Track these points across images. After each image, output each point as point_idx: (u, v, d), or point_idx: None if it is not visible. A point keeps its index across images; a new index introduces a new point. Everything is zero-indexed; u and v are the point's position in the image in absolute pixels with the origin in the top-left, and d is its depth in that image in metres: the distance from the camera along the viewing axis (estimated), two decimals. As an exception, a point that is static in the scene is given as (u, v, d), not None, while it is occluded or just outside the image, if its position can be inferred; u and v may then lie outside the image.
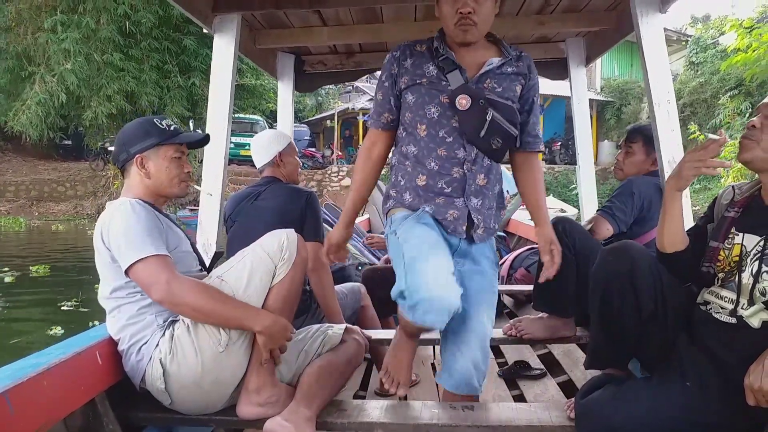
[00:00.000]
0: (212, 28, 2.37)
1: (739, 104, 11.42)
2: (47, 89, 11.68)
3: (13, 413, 1.10)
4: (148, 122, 1.58)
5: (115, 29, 11.48)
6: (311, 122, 22.72)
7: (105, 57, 11.65)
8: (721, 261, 1.29)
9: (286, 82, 3.33)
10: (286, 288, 1.47)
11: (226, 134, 2.33)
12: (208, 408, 1.48)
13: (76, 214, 15.47)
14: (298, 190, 2.26)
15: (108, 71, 11.86)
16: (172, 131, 1.58)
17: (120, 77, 11.97)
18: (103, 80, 11.91)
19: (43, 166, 18.07)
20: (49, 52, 11.55)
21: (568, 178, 15.58)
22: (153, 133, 1.55)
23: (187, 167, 1.61)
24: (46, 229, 13.12)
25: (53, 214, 15.55)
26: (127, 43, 11.95)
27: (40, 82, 11.77)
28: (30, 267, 7.49)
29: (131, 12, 11.33)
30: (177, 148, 1.58)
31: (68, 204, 16.18)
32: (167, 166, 1.56)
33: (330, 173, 16.62)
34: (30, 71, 12.05)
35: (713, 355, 1.25)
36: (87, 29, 11.22)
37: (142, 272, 1.37)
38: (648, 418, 1.23)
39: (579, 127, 3.26)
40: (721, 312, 1.27)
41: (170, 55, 12.40)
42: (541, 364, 2.57)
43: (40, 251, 9.58)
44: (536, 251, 3.39)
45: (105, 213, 1.48)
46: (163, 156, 1.56)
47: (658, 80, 2.19)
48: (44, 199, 16.31)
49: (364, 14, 2.74)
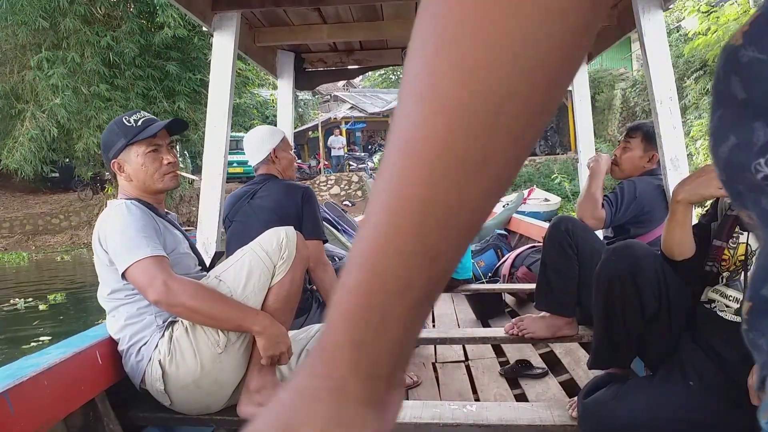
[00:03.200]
0: (212, 26, 2.36)
1: (705, 84, 11.80)
2: (38, 125, 11.97)
3: (13, 413, 1.10)
4: (116, 123, 1.53)
5: (99, 61, 11.79)
6: (295, 134, 22.91)
7: (92, 89, 11.96)
8: (726, 260, 1.29)
9: (285, 80, 3.31)
10: (286, 288, 1.46)
11: (226, 133, 2.32)
12: (208, 408, 1.48)
13: (73, 245, 15.69)
14: (294, 186, 2.23)
15: (96, 102, 12.16)
16: (140, 126, 1.50)
17: (108, 107, 12.26)
18: (91, 111, 12.20)
19: (33, 200, 18.27)
20: (38, 89, 11.81)
21: (550, 168, 15.73)
22: (121, 134, 1.50)
23: (167, 158, 1.53)
24: (50, 260, 13.53)
25: (50, 247, 15.76)
26: (112, 74, 12.25)
27: (30, 119, 12.04)
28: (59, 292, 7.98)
29: (114, 43, 11.65)
30: (150, 142, 1.51)
31: (64, 235, 16.36)
32: (143, 164, 1.50)
33: (319, 183, 16.81)
34: (19, 108, 12.33)
35: (717, 354, 1.25)
36: (72, 63, 11.51)
37: (138, 274, 1.35)
38: (650, 417, 1.23)
39: (580, 122, 3.25)
40: (725, 311, 1.26)
41: (155, 82, 12.66)
42: (543, 363, 2.56)
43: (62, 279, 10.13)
44: (538, 249, 3.40)
45: (102, 214, 1.47)
46: (135, 154, 1.50)
47: (660, 77, 2.18)
48: (39, 232, 16.50)
49: (364, 12, 2.73)
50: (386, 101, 22.48)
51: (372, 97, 23.27)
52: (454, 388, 2.40)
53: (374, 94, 24.01)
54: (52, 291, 8.10)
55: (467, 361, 2.71)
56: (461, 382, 2.47)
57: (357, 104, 21.42)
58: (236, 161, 17.43)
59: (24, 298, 7.72)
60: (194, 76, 12.02)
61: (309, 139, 22.87)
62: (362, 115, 20.66)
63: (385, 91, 26.16)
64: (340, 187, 17.03)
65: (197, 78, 11.98)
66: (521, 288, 3.20)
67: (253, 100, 15.67)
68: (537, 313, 2.01)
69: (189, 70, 12.36)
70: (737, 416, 1.19)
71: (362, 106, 21.37)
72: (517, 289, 3.30)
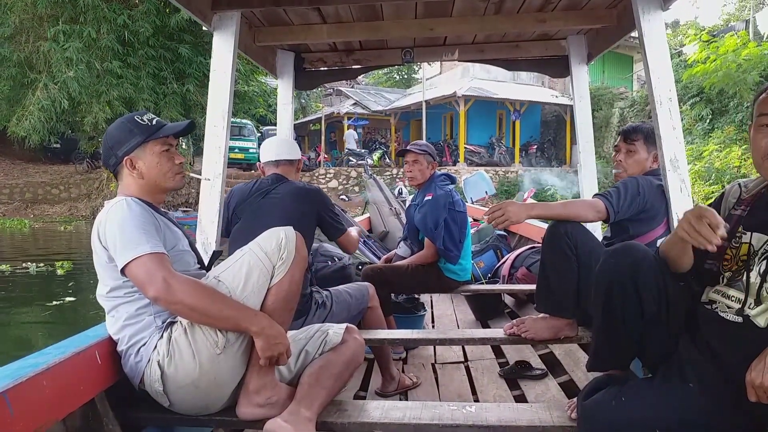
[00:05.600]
0: (212, 26, 2.36)
1: (700, 111, 12.05)
2: (49, 96, 12.11)
3: (12, 413, 1.10)
4: (130, 121, 1.54)
5: (114, 38, 11.97)
6: (297, 125, 23.05)
7: (105, 65, 12.19)
8: (728, 260, 1.28)
9: (285, 79, 3.31)
10: (285, 288, 1.46)
11: (225, 132, 2.32)
12: (207, 409, 1.48)
13: (71, 216, 15.80)
14: (307, 189, 2.29)
15: (108, 78, 12.38)
16: (155, 125, 1.54)
17: (119, 84, 12.50)
18: (103, 87, 12.42)
19: (33, 169, 18.38)
20: (52, 60, 11.95)
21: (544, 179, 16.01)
22: (137, 132, 1.51)
23: (178, 158, 1.58)
24: (50, 229, 13.70)
25: (48, 216, 15.86)
26: (125, 52, 12.45)
27: (42, 89, 12.19)
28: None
29: (130, 22, 11.81)
30: (164, 142, 1.54)
31: (63, 206, 16.46)
32: (158, 162, 1.53)
33: (317, 175, 16.85)
34: (32, 78, 12.47)
35: (717, 355, 1.24)
36: (88, 38, 11.70)
37: (137, 270, 1.34)
38: (650, 419, 1.22)
39: (580, 124, 3.25)
40: (727, 311, 1.26)
41: (166, 63, 12.94)
42: (542, 364, 2.56)
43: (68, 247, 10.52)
44: (537, 250, 3.39)
45: (102, 212, 1.47)
46: (151, 152, 1.52)
47: (660, 78, 2.17)
48: (38, 201, 16.62)
49: (364, 11, 2.73)
50: (389, 100, 22.51)
51: (376, 95, 23.30)
52: (453, 389, 2.40)
53: (378, 92, 24.06)
54: (60, 258, 8.48)
55: (467, 362, 2.71)
56: (460, 383, 2.47)
57: (361, 101, 21.45)
58: (238, 147, 17.47)
59: (35, 263, 8.07)
60: (205, 60, 12.21)
61: (310, 131, 22.88)
62: (365, 112, 20.70)
63: (389, 90, 26.18)
64: (338, 181, 17.07)
65: (208, 62, 11.93)
66: (521, 289, 3.20)
67: (259, 89, 15.86)
68: (537, 315, 2.01)
69: (200, 54, 12.54)
70: (737, 418, 1.19)
71: (365, 103, 21.41)
72: (517, 290, 3.30)
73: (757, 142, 1.23)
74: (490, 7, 2.71)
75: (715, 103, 11.96)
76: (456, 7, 2.67)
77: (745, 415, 1.17)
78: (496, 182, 15.09)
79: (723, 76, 9.81)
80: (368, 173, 7.23)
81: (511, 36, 3.22)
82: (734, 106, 11.37)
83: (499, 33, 3.13)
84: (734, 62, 9.78)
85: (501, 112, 19.15)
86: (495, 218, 1.83)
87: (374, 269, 2.82)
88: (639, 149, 2.15)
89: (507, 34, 3.19)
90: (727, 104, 11.67)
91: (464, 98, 17.09)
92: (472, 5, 2.68)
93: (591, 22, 2.80)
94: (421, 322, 3.09)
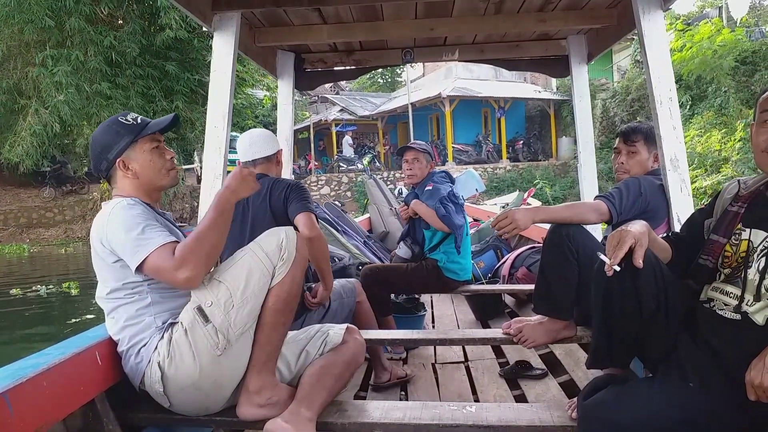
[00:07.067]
0: (212, 27, 2.36)
1: (680, 98, 12.48)
2: (41, 120, 12.17)
3: (12, 413, 1.10)
4: (114, 123, 1.53)
5: (102, 60, 12.02)
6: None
7: (94, 87, 12.20)
8: (728, 257, 1.28)
9: (286, 80, 3.31)
10: (286, 289, 1.46)
11: (226, 133, 2.32)
12: (207, 409, 1.48)
13: (68, 238, 15.92)
14: (281, 180, 2.29)
15: (98, 100, 12.40)
16: (140, 123, 1.54)
17: (109, 105, 12.51)
18: (93, 108, 12.44)
19: (25, 194, 18.42)
20: (41, 85, 12.01)
21: (532, 174, 16.15)
22: (124, 132, 1.51)
23: (168, 154, 1.58)
24: (48, 253, 13.96)
25: (45, 240, 15.98)
26: (114, 72, 12.49)
27: (33, 114, 12.26)
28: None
29: (116, 43, 11.87)
30: (152, 138, 1.54)
31: (58, 229, 16.57)
32: (150, 159, 1.53)
33: (310, 183, 16.90)
34: (22, 104, 12.53)
35: (716, 353, 1.24)
36: (76, 62, 11.75)
37: (159, 262, 1.34)
38: (650, 419, 1.22)
39: (581, 124, 3.25)
40: (725, 309, 1.26)
41: (154, 81, 12.92)
42: (542, 363, 2.56)
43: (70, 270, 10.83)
44: (538, 250, 3.39)
45: (101, 214, 1.46)
46: (141, 151, 1.52)
47: (660, 78, 2.17)
48: (33, 225, 16.70)
49: (364, 12, 2.73)
50: (375, 104, 22.47)
51: (362, 100, 23.28)
52: (453, 388, 2.40)
53: (363, 98, 23.98)
54: (67, 279, 8.70)
55: (467, 362, 2.71)
56: (461, 382, 2.47)
57: (347, 107, 21.46)
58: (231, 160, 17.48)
59: (44, 284, 8.36)
60: (192, 76, 12.21)
61: (298, 139, 22.94)
62: (352, 118, 20.74)
63: (374, 94, 26.06)
64: (330, 187, 17.12)
65: (195, 78, 12.15)
66: (521, 289, 3.19)
67: (247, 101, 16.04)
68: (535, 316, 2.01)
69: (187, 71, 12.58)
70: (738, 417, 1.19)
71: (352, 108, 21.42)
72: (517, 290, 3.30)
73: (758, 137, 1.24)
74: (491, 7, 2.71)
75: (693, 90, 12.18)
76: (456, 7, 2.67)
77: (746, 414, 1.17)
78: (485, 179, 15.14)
79: (699, 63, 10.13)
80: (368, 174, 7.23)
81: (512, 36, 3.22)
82: (713, 91, 11.50)
83: (500, 33, 3.13)
84: (710, 49, 10.07)
85: (486, 110, 19.28)
86: (502, 227, 1.83)
87: (374, 269, 2.82)
88: (640, 150, 2.14)
89: (507, 34, 3.19)
90: (706, 90, 11.81)
91: (449, 99, 17.18)
92: (472, 5, 2.68)
93: (591, 22, 2.80)
94: (421, 322, 3.09)
